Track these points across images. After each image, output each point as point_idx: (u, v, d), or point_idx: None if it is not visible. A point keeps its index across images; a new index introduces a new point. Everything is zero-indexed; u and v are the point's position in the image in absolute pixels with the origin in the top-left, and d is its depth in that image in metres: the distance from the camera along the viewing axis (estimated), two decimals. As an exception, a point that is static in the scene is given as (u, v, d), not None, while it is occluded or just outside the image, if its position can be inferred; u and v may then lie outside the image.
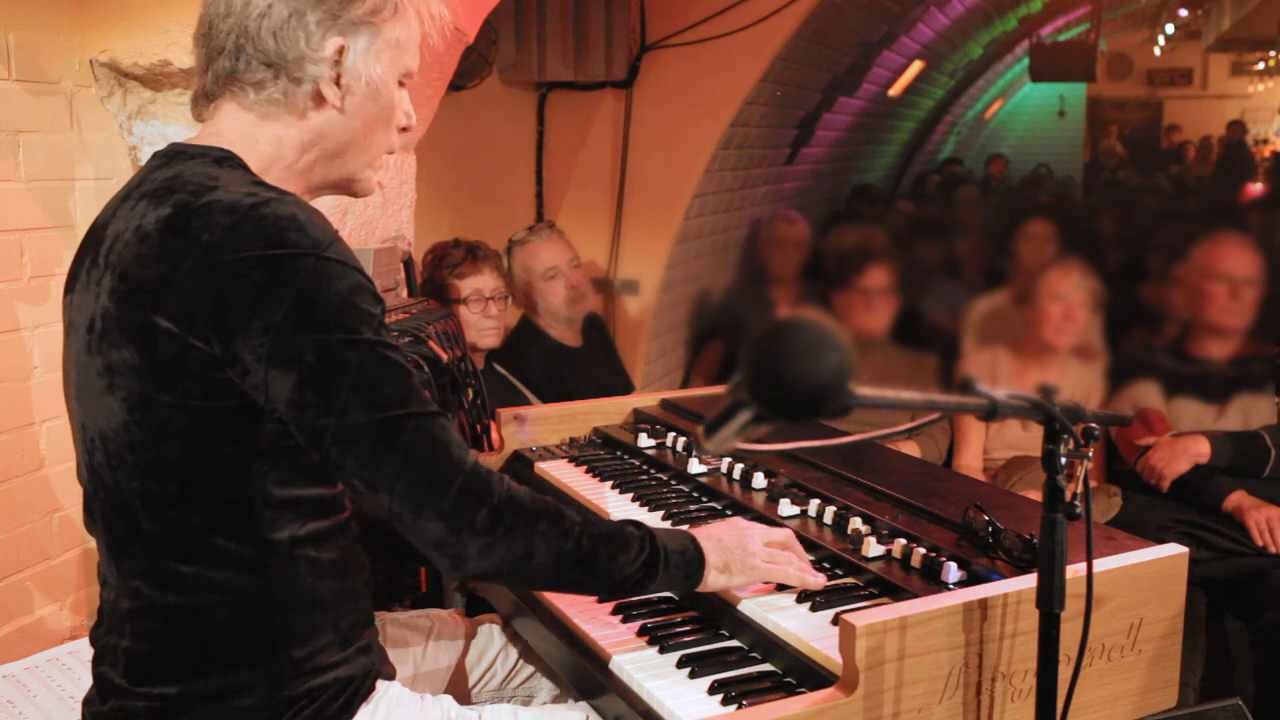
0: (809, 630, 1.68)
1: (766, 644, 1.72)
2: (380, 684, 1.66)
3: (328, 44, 1.54)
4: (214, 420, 1.43)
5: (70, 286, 1.59)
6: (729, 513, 2.19)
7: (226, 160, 1.54)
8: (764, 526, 1.85)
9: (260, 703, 1.51)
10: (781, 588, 1.82)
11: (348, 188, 1.69)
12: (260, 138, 1.57)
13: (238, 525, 1.48)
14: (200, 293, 1.39)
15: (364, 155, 1.64)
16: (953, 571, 1.77)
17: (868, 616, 1.51)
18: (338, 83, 1.56)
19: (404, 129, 1.69)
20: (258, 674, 1.51)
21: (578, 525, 1.59)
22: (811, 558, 1.96)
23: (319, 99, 1.56)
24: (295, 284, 1.39)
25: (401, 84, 1.65)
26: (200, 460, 1.45)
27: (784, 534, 1.86)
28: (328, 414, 1.40)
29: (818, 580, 1.81)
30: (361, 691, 1.61)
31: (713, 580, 1.73)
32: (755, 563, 1.76)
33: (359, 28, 1.56)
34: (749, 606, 1.78)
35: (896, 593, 1.76)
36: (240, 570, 1.49)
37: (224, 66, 1.56)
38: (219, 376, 1.41)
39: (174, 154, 1.56)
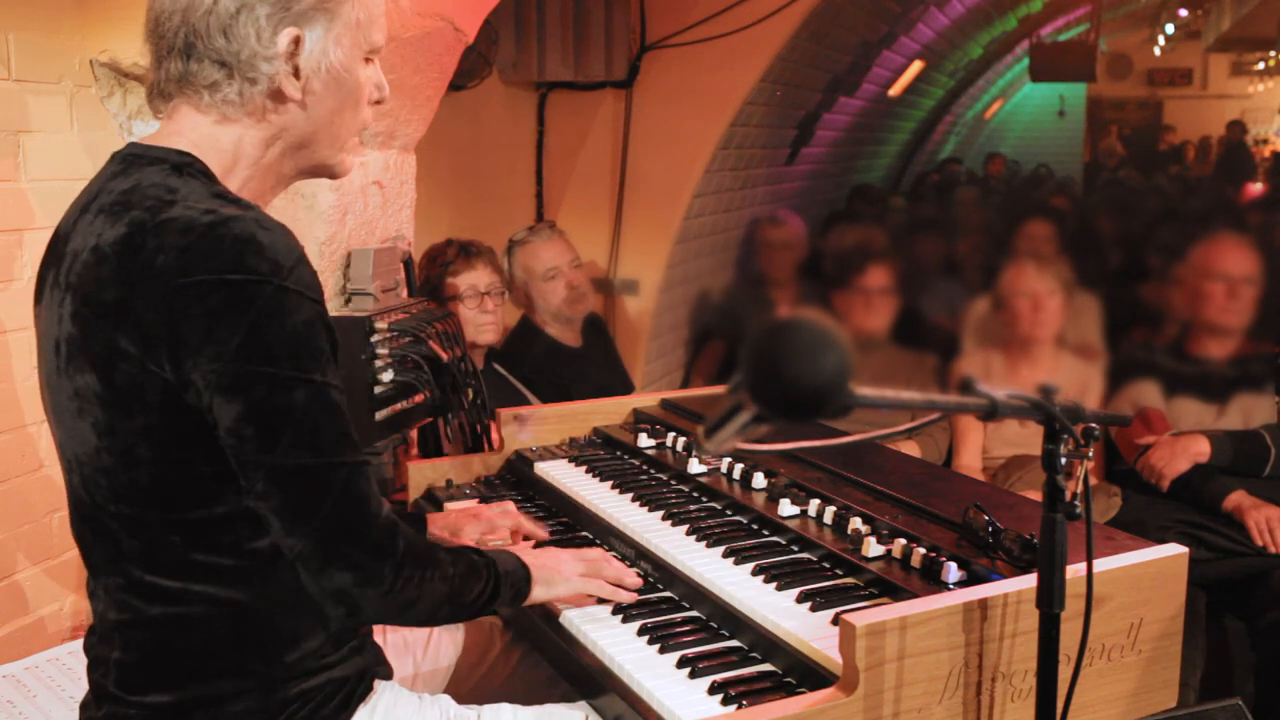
0: (809, 630, 1.68)
1: (766, 644, 1.72)
2: (378, 684, 1.65)
3: (281, 37, 1.46)
4: (181, 444, 1.40)
5: (38, 297, 1.55)
6: (729, 513, 2.19)
7: (186, 166, 1.47)
8: (579, 550, 1.95)
9: (254, 707, 1.51)
10: (783, 587, 1.83)
11: (320, 173, 1.63)
12: (221, 137, 1.51)
13: (218, 540, 1.45)
14: (155, 316, 1.35)
15: (333, 141, 1.58)
16: (953, 571, 1.77)
17: (868, 616, 1.51)
18: (296, 75, 1.49)
19: (377, 102, 1.62)
20: (250, 679, 1.51)
21: (450, 566, 1.60)
22: (812, 557, 1.96)
23: (278, 96, 1.49)
24: (250, 313, 1.34)
25: (368, 61, 1.58)
26: (172, 484, 1.42)
27: (596, 552, 1.97)
28: (266, 451, 1.37)
29: (633, 583, 1.93)
30: (359, 691, 1.61)
31: (537, 593, 1.81)
32: (570, 575, 1.86)
33: (313, 15, 1.48)
34: (749, 607, 1.78)
35: (896, 593, 1.76)
36: (224, 581, 1.47)
37: (175, 68, 1.49)
38: (178, 401, 1.38)
39: (132, 158, 1.50)
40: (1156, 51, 16.04)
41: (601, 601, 1.92)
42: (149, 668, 1.51)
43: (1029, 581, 1.61)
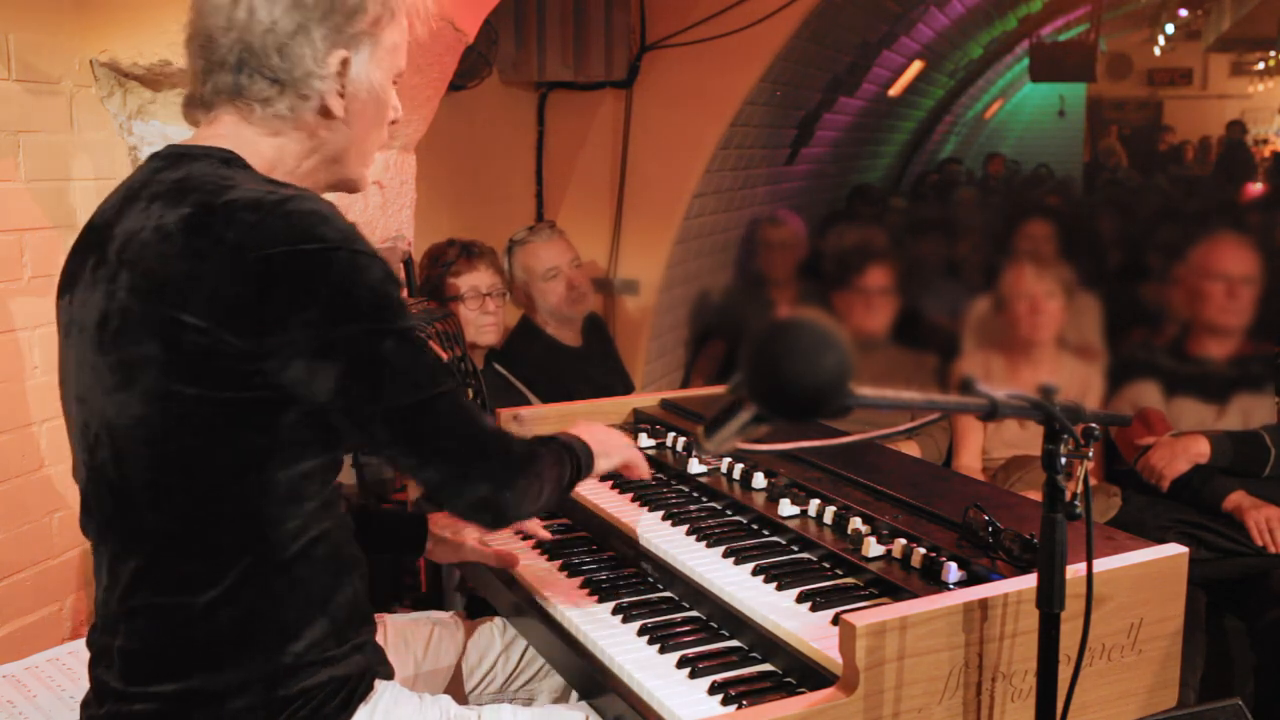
0: (809, 630, 1.68)
1: (766, 644, 1.72)
2: (379, 683, 1.66)
3: (332, 58, 1.54)
4: (238, 411, 1.45)
5: (69, 286, 1.59)
6: (729, 513, 2.19)
7: (233, 161, 1.54)
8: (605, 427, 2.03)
9: (256, 703, 1.51)
10: (783, 587, 1.83)
11: (343, 186, 1.71)
12: (263, 146, 1.58)
13: (243, 521, 1.49)
14: (230, 289, 1.41)
15: (361, 156, 1.66)
16: (953, 571, 1.77)
17: (868, 616, 1.51)
18: (342, 94, 1.57)
19: (393, 122, 1.70)
20: (253, 672, 1.51)
21: (547, 454, 1.73)
22: (812, 557, 1.96)
23: (325, 112, 1.57)
24: (330, 279, 1.42)
25: (395, 82, 1.67)
26: (217, 451, 1.46)
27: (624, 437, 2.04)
28: (375, 402, 1.46)
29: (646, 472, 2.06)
30: (359, 691, 1.61)
31: (601, 465, 1.91)
32: (620, 445, 1.98)
33: (361, 40, 1.57)
34: (749, 607, 1.78)
35: (897, 593, 1.76)
36: (237, 568, 1.49)
37: (225, 81, 1.55)
38: (248, 369, 1.42)
39: (177, 155, 1.57)
40: (1156, 51, 16.04)
41: (602, 600, 1.93)
42: (154, 657, 1.52)
43: (1029, 581, 1.61)
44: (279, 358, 1.42)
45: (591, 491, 2.35)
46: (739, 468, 2.31)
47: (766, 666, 1.71)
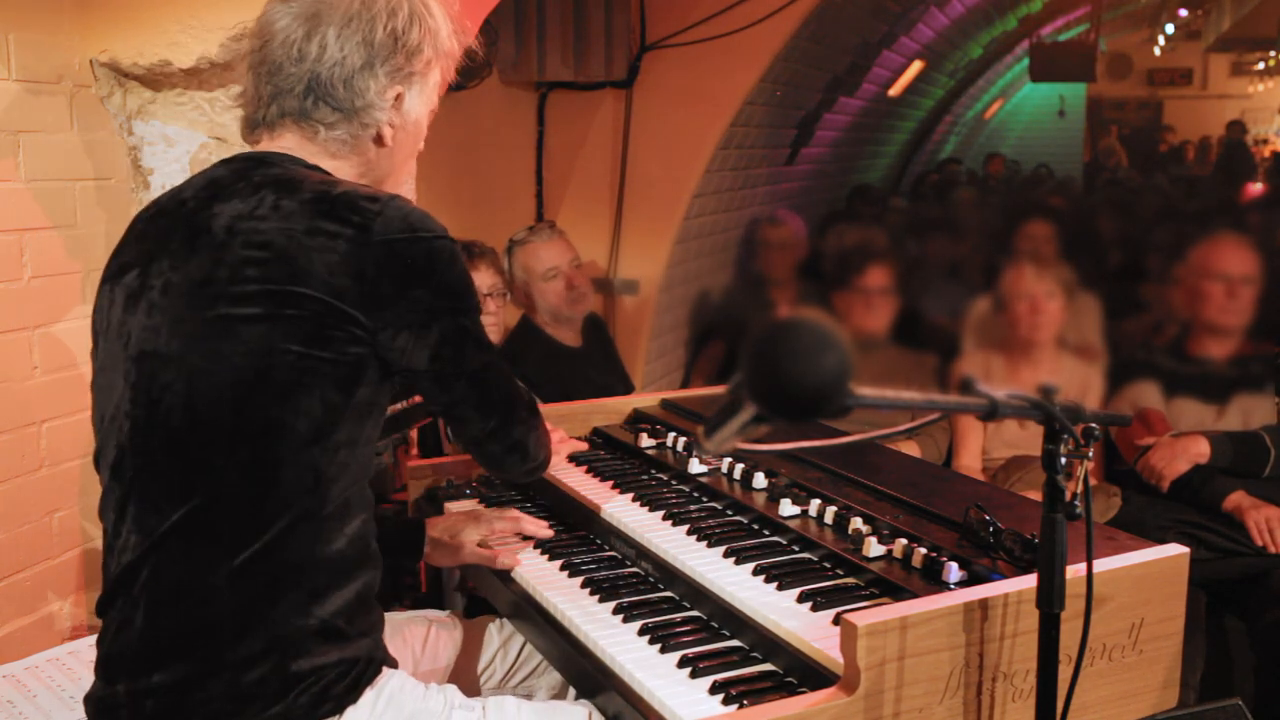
0: (810, 630, 1.68)
1: (767, 644, 1.72)
2: (386, 670, 1.68)
3: (390, 92, 1.72)
4: (332, 371, 1.58)
5: (141, 263, 1.66)
6: (729, 513, 2.19)
7: (317, 169, 1.71)
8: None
9: (269, 674, 1.54)
10: (783, 587, 1.83)
11: None
12: (324, 163, 1.73)
13: (302, 477, 1.57)
14: (357, 266, 1.57)
15: (397, 178, 1.86)
16: (953, 571, 1.77)
17: (869, 616, 1.51)
18: (394, 124, 1.75)
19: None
20: (269, 641, 1.55)
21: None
22: (812, 557, 1.96)
23: (379, 140, 1.74)
24: (439, 264, 1.64)
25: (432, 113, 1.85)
26: (304, 400, 1.57)
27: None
28: (460, 363, 1.71)
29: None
30: (367, 675, 1.64)
31: None
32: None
33: (413, 79, 1.75)
34: (750, 607, 1.78)
35: (897, 593, 1.76)
36: (284, 520, 1.56)
37: (291, 105, 1.71)
38: (353, 337, 1.58)
39: (259, 158, 1.70)
40: (1156, 51, 16.06)
41: (603, 600, 1.93)
42: (182, 612, 1.56)
43: (1029, 581, 1.61)
44: (392, 328, 1.60)
45: (592, 492, 2.35)
46: (739, 468, 2.31)
47: (767, 666, 1.71)
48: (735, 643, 1.78)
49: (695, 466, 2.36)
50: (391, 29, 1.69)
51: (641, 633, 1.80)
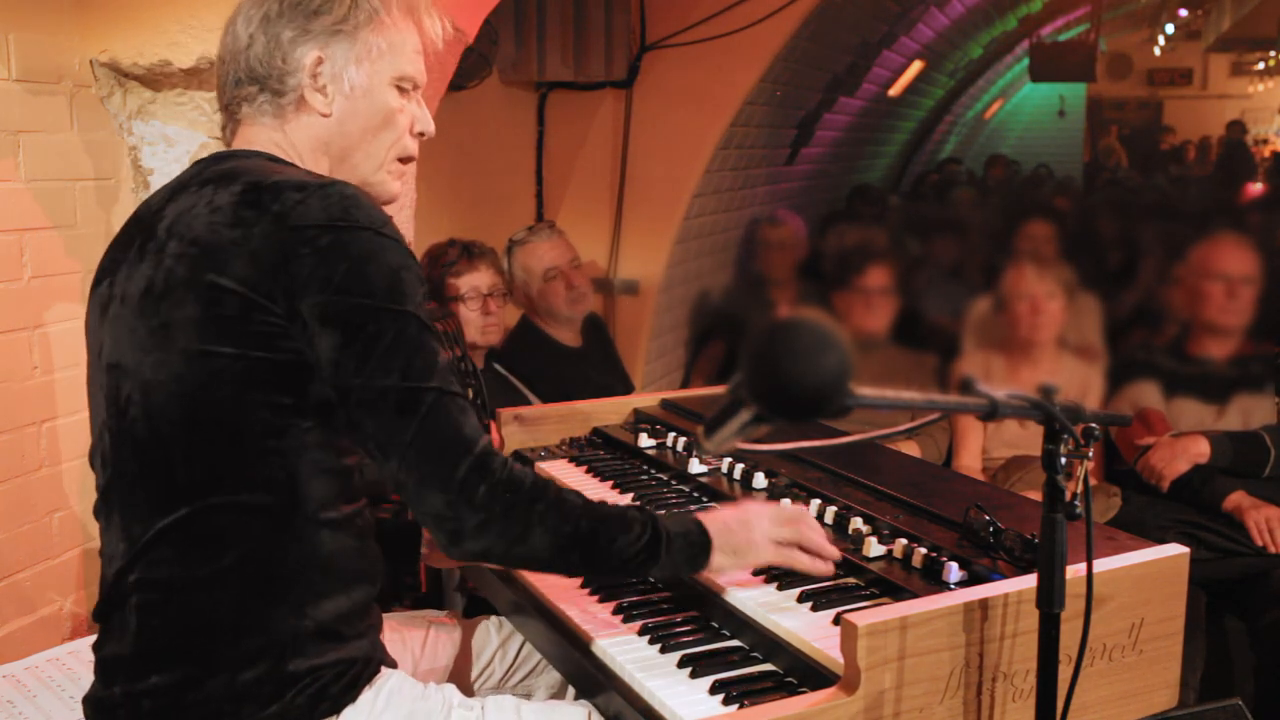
0: (810, 630, 1.68)
1: (767, 644, 1.72)
2: (384, 669, 1.68)
3: (305, 57, 1.67)
4: (270, 372, 1.52)
5: (110, 270, 1.67)
6: (729, 513, 2.19)
7: (277, 159, 1.68)
8: (775, 506, 1.87)
9: (265, 675, 1.54)
10: (783, 587, 1.83)
11: (369, 195, 1.74)
12: (283, 145, 1.70)
13: (272, 481, 1.54)
14: (269, 255, 1.50)
15: (371, 159, 1.74)
16: (954, 571, 1.77)
17: (869, 616, 1.51)
18: (324, 91, 1.68)
19: (421, 134, 1.79)
20: (266, 642, 1.54)
21: (578, 508, 1.62)
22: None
23: (302, 104, 1.69)
24: (353, 252, 1.51)
25: (402, 90, 1.74)
26: (251, 409, 1.52)
27: (796, 510, 1.88)
28: (358, 375, 1.50)
29: (828, 565, 1.80)
30: (365, 675, 1.64)
31: (718, 563, 1.74)
32: (764, 543, 1.76)
33: (334, 37, 1.67)
34: (750, 607, 1.78)
35: (898, 593, 1.76)
36: (265, 527, 1.54)
37: (228, 95, 1.73)
38: (279, 331, 1.51)
39: (224, 156, 1.70)
40: (1156, 51, 16.05)
41: (603, 600, 1.92)
42: (173, 617, 1.55)
43: (1029, 581, 1.61)
44: (301, 321, 1.50)
45: (592, 491, 2.33)
46: (739, 468, 2.31)
47: (768, 666, 1.70)
48: (735, 643, 1.78)
49: (695, 466, 2.36)
50: None
51: (642, 632, 1.80)
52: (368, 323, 1.49)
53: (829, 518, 2.04)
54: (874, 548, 1.88)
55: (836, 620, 1.64)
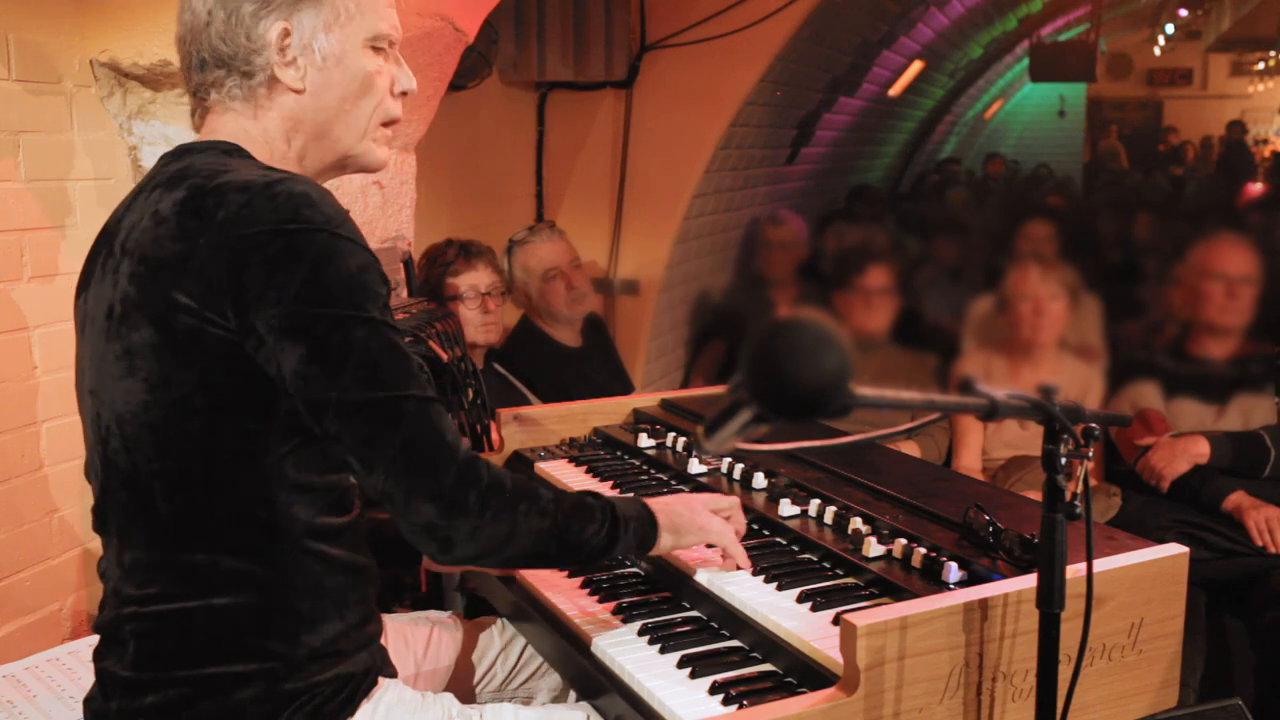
0: (810, 630, 1.68)
1: (767, 644, 1.72)
2: (382, 680, 1.66)
3: (270, 31, 1.56)
4: (235, 396, 1.45)
5: (84, 285, 1.62)
6: (729, 513, 2.19)
7: (235, 151, 1.58)
8: (710, 495, 1.94)
9: (261, 695, 1.52)
10: (783, 587, 1.83)
11: (352, 165, 1.69)
12: (252, 130, 1.61)
13: (254, 510, 1.50)
14: (216, 267, 1.42)
15: (352, 129, 1.64)
16: (953, 571, 1.77)
17: (869, 616, 1.51)
18: (294, 64, 1.58)
19: (403, 93, 1.68)
20: (262, 665, 1.52)
21: (550, 502, 1.62)
22: (812, 557, 1.96)
23: (274, 84, 1.59)
24: (308, 258, 1.41)
25: (377, 50, 1.64)
26: (221, 438, 1.46)
27: (728, 500, 1.93)
28: (330, 388, 1.42)
29: (742, 552, 1.88)
30: (363, 688, 1.62)
31: (664, 542, 1.79)
32: (704, 524, 1.83)
33: (299, 7, 1.57)
34: (750, 607, 1.78)
35: (897, 593, 1.76)
36: (253, 558, 1.51)
37: (194, 80, 1.62)
38: (236, 350, 1.43)
39: (182, 151, 1.60)
40: (1156, 51, 16.04)
41: (603, 601, 1.92)
42: (163, 648, 1.53)
43: (1029, 581, 1.61)
44: (256, 337, 1.42)
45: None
46: (739, 468, 2.31)
47: (767, 666, 1.70)
48: (735, 643, 1.78)
49: (695, 466, 2.36)
50: None
51: (641, 633, 1.80)
52: (332, 333, 1.41)
53: (829, 518, 2.04)
54: (874, 548, 1.88)
55: (836, 620, 1.64)
